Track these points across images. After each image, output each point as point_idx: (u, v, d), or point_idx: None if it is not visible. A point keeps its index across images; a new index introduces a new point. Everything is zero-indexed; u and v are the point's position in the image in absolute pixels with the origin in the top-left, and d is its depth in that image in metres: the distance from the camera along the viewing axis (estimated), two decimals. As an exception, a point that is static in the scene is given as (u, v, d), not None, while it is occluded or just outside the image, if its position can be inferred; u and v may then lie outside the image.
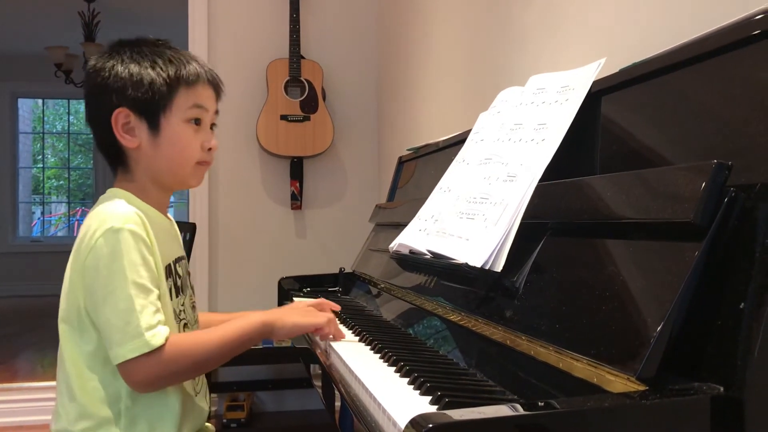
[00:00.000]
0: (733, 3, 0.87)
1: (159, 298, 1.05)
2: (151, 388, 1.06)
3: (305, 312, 1.23)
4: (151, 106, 1.11)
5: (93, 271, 1.02)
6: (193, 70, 1.14)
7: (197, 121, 1.15)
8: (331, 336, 1.20)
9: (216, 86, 1.18)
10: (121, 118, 1.10)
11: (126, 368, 1.01)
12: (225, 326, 1.11)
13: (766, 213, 0.63)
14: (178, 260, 1.19)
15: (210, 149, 1.16)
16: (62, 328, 1.08)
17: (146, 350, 0.99)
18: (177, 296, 1.15)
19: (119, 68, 1.11)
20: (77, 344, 1.06)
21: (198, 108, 1.14)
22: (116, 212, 1.05)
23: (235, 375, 2.89)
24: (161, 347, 1.00)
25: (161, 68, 1.11)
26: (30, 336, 4.77)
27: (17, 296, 6.92)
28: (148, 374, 1.01)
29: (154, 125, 1.11)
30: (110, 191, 1.14)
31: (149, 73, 1.11)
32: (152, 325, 1.01)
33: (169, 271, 1.14)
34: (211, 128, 1.19)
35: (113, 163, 1.17)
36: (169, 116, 1.12)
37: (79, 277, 1.05)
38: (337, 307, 1.33)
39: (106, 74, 1.11)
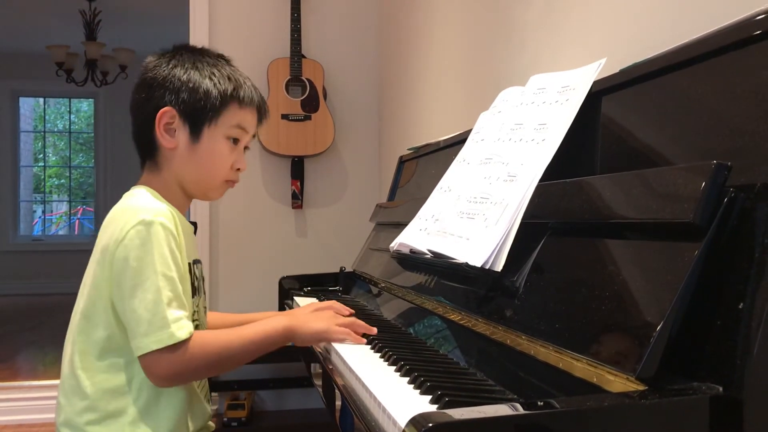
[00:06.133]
0: (734, 3, 0.87)
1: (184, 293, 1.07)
2: (170, 383, 1.06)
3: (328, 320, 1.16)
4: (199, 115, 1.14)
5: (122, 262, 1.03)
6: (248, 92, 1.18)
7: (235, 141, 1.19)
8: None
9: (261, 113, 1.22)
10: (166, 117, 1.13)
11: (149, 360, 1.01)
12: (249, 327, 1.12)
13: (766, 213, 0.63)
14: (195, 262, 1.20)
15: (239, 170, 1.20)
16: (79, 321, 1.09)
17: (171, 342, 1.00)
18: (193, 297, 1.16)
19: (179, 71, 1.15)
20: (91, 337, 1.07)
21: (240, 129, 1.18)
22: (148, 206, 1.08)
23: (235, 374, 2.89)
24: (185, 342, 1.01)
25: (219, 82, 1.15)
26: (31, 334, 4.78)
27: (18, 295, 6.92)
28: (170, 368, 1.02)
29: (196, 133, 1.15)
30: (137, 188, 1.16)
31: (207, 83, 1.14)
32: (178, 318, 1.02)
33: (190, 270, 1.15)
34: (244, 150, 1.22)
35: (143, 156, 1.20)
36: (213, 129, 1.16)
37: (107, 269, 1.05)
38: (349, 311, 1.28)
39: (165, 72, 1.15)
